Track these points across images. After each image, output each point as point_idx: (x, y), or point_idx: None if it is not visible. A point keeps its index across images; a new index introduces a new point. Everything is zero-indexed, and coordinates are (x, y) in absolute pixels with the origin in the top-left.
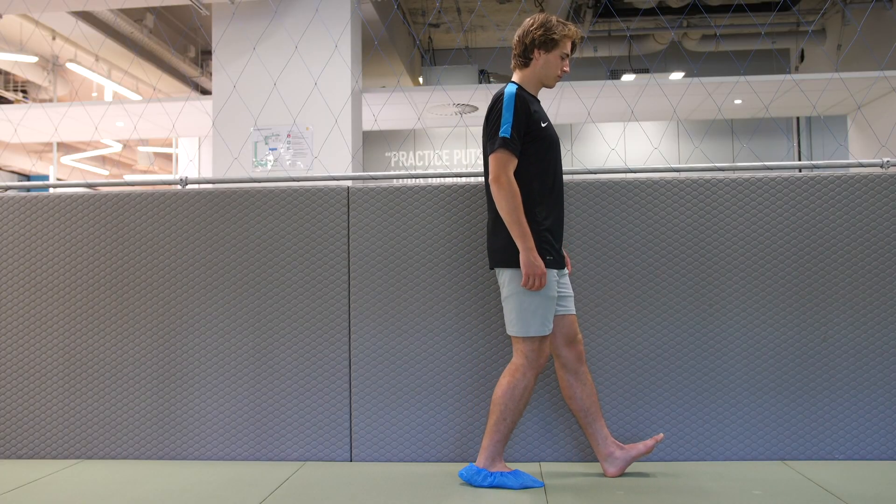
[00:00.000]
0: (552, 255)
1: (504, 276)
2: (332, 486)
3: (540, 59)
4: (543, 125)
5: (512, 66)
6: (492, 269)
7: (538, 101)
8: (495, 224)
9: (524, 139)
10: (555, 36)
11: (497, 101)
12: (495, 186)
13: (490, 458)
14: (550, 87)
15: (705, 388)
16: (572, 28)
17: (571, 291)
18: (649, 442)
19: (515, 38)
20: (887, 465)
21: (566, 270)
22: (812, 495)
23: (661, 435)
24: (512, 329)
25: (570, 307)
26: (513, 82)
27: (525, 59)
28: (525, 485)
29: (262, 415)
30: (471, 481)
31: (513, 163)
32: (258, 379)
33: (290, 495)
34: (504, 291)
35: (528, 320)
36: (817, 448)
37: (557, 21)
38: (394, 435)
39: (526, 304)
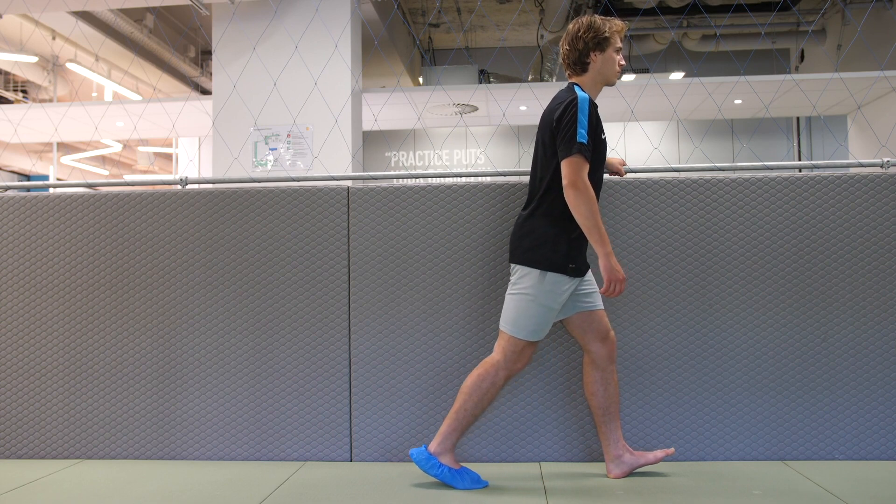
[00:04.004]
0: (575, 264)
1: (519, 273)
2: (332, 486)
3: (597, 60)
4: (602, 137)
5: (567, 74)
6: (511, 262)
7: (598, 108)
8: (531, 222)
9: None
10: (606, 34)
11: (570, 104)
12: (572, 191)
13: (443, 446)
14: (613, 84)
15: (705, 388)
16: (617, 21)
17: (596, 286)
18: (659, 453)
19: (565, 47)
20: (887, 465)
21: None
22: (812, 495)
23: (672, 450)
24: (504, 324)
25: (598, 302)
26: (575, 85)
27: (582, 65)
28: (467, 486)
29: (262, 415)
30: (419, 463)
31: (587, 168)
32: (258, 379)
33: (290, 495)
34: (513, 288)
35: (523, 322)
36: (817, 448)
37: (601, 19)
38: (394, 435)
39: (527, 306)
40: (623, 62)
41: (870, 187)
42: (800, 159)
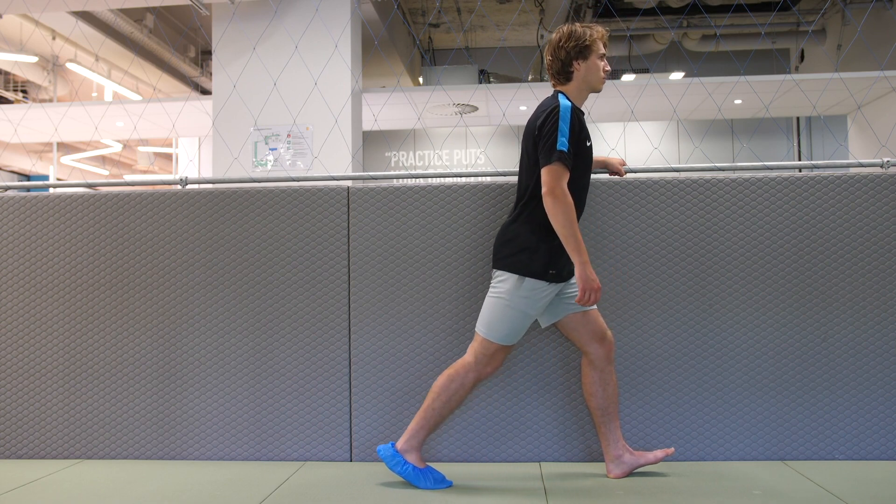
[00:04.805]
0: (555, 270)
1: (499, 277)
2: (332, 486)
3: (581, 68)
4: (588, 144)
5: (552, 84)
6: (493, 268)
7: (584, 115)
8: (513, 229)
9: None
10: (587, 42)
11: (552, 113)
12: (550, 199)
13: (410, 444)
14: (599, 90)
15: (705, 388)
16: (598, 28)
17: None
18: (659, 453)
19: (548, 57)
20: (887, 465)
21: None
22: (812, 495)
23: (672, 450)
24: (479, 326)
25: None
26: (560, 93)
27: (566, 75)
28: (430, 486)
29: (262, 415)
30: (385, 460)
31: (566, 176)
32: (258, 379)
33: (290, 495)
34: (492, 291)
35: (497, 325)
36: (817, 448)
37: (581, 27)
38: (394, 435)
39: (502, 311)
40: (608, 68)
41: (870, 187)
42: (800, 159)
